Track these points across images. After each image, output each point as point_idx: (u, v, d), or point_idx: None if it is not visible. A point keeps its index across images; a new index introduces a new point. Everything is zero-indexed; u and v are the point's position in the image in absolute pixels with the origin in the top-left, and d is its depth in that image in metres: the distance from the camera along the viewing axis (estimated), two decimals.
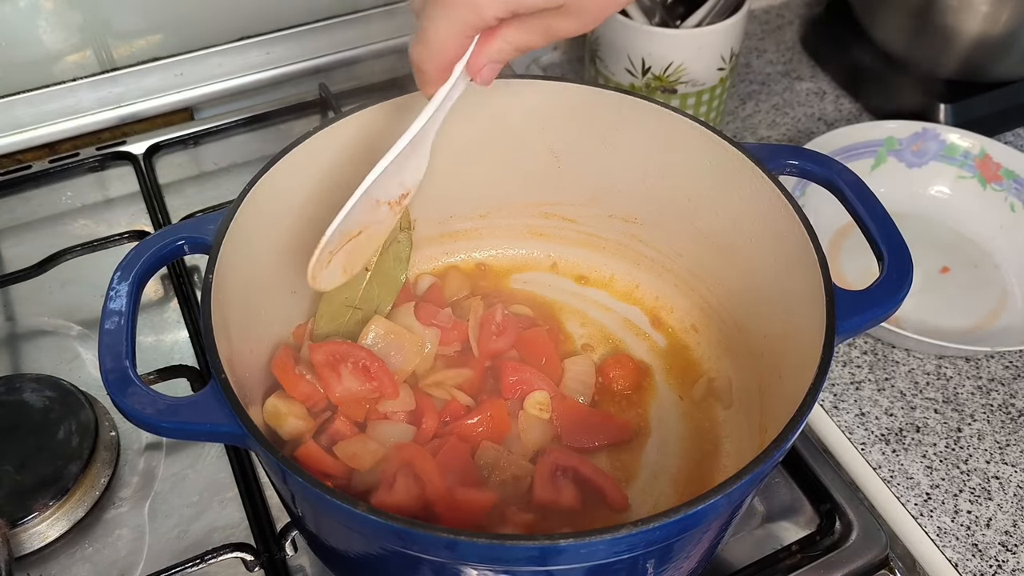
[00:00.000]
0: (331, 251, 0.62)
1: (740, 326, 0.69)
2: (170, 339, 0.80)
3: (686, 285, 0.74)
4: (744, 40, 0.97)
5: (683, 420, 0.69)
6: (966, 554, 0.68)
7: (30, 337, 0.81)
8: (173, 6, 0.96)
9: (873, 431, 0.76)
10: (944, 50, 0.95)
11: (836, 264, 0.87)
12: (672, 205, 0.70)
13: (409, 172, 0.63)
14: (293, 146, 0.63)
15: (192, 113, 1.03)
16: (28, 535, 0.66)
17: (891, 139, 0.92)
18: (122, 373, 0.52)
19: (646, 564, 0.50)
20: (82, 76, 0.96)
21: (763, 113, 1.04)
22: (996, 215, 0.90)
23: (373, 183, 0.59)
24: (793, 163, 0.64)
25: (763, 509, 0.69)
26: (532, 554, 0.44)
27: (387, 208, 0.64)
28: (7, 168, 0.95)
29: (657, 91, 0.91)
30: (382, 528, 0.45)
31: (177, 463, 0.72)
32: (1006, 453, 0.74)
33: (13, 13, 0.90)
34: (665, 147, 0.67)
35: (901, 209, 0.89)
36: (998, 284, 0.86)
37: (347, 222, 0.61)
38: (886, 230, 0.60)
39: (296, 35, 1.02)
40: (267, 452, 0.48)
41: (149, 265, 0.58)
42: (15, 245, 0.89)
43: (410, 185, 0.64)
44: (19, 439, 0.69)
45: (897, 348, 0.81)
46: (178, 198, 0.93)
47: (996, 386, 0.79)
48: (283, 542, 0.65)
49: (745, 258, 0.66)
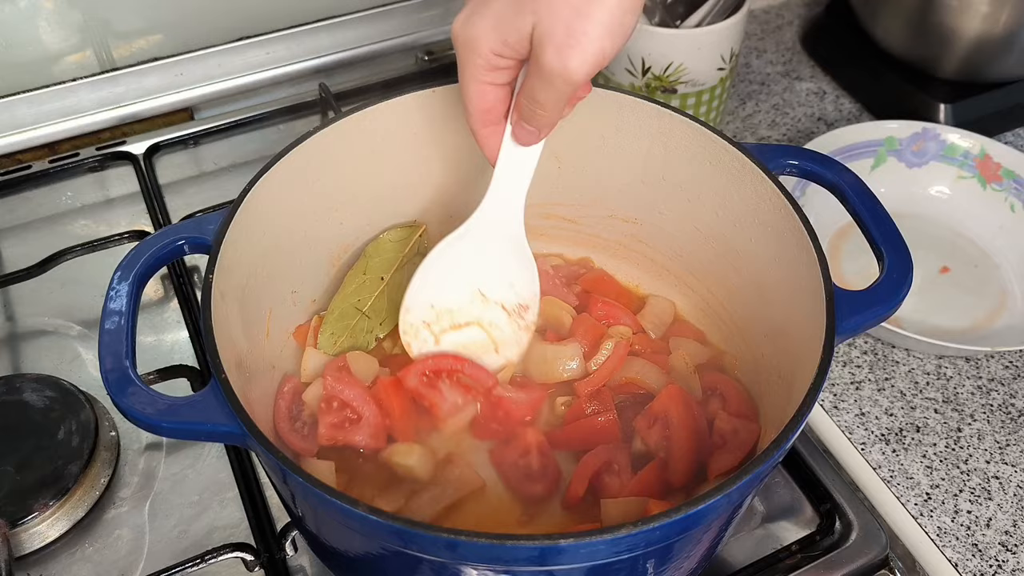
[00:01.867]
0: (425, 321, 0.65)
1: (740, 326, 0.69)
2: (170, 339, 0.80)
3: (686, 285, 0.74)
4: (744, 40, 0.97)
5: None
6: (966, 554, 0.68)
7: (30, 337, 0.81)
8: (173, 6, 0.96)
9: (873, 431, 0.76)
10: (944, 50, 0.95)
11: (836, 264, 0.87)
12: (672, 205, 0.70)
13: (516, 273, 0.65)
14: (293, 146, 0.63)
15: (192, 113, 1.03)
16: (28, 535, 0.66)
17: (891, 139, 0.92)
18: (122, 373, 0.52)
19: (646, 564, 0.50)
20: (82, 76, 0.96)
21: (763, 113, 1.04)
22: (996, 215, 0.90)
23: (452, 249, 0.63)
24: (793, 163, 0.64)
25: (763, 509, 0.69)
26: (532, 554, 0.44)
27: (503, 314, 0.66)
28: (7, 168, 0.95)
29: (657, 91, 0.91)
30: (382, 528, 0.45)
31: (177, 463, 0.72)
32: (1006, 453, 0.74)
33: (13, 13, 0.91)
34: (665, 147, 0.67)
35: (901, 209, 0.89)
36: (998, 284, 0.86)
37: (437, 293, 0.64)
38: (886, 230, 0.60)
39: (296, 35, 1.02)
40: (267, 452, 0.48)
41: (149, 265, 0.58)
42: (15, 245, 0.89)
43: (526, 296, 0.66)
44: (19, 439, 0.69)
45: (897, 348, 0.81)
46: (178, 198, 0.93)
47: (996, 386, 0.79)
48: (283, 542, 0.65)
49: (745, 258, 0.66)
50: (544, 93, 0.54)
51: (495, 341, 0.67)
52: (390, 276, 0.71)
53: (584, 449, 0.64)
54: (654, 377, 0.67)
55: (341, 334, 0.69)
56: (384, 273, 0.71)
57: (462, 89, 0.57)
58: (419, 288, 0.65)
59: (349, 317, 0.69)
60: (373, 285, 0.70)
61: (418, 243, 0.73)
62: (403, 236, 0.73)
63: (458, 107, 0.68)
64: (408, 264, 0.72)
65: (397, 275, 0.71)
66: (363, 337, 0.70)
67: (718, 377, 0.68)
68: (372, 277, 0.71)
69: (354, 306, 0.69)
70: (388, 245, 0.72)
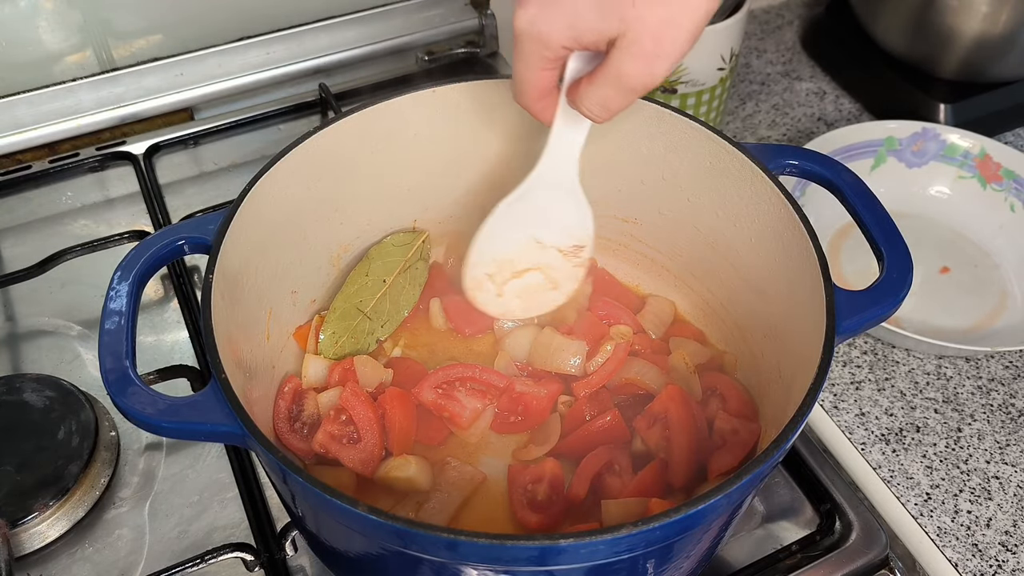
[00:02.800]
0: (488, 274, 0.67)
1: (740, 326, 0.69)
2: (170, 339, 0.80)
3: (686, 285, 0.74)
4: (744, 40, 0.97)
5: None
6: (966, 554, 0.68)
7: (30, 337, 0.81)
8: (173, 6, 0.96)
9: (873, 431, 0.76)
10: (944, 50, 0.95)
11: (836, 264, 0.87)
12: (672, 205, 0.70)
13: (573, 219, 0.66)
14: (293, 146, 0.63)
15: (192, 113, 1.03)
16: (28, 535, 0.66)
17: (891, 139, 0.92)
18: (122, 373, 0.52)
19: (646, 564, 0.50)
20: (82, 76, 0.96)
21: (763, 113, 1.04)
22: (996, 215, 0.90)
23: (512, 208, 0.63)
24: (793, 163, 0.64)
25: (763, 509, 0.69)
26: (532, 554, 0.44)
27: (559, 256, 0.67)
28: (7, 168, 0.95)
29: (657, 91, 0.91)
30: (382, 528, 0.45)
31: (177, 463, 0.72)
32: (1006, 453, 0.74)
33: (13, 13, 0.90)
34: (665, 147, 0.67)
35: (901, 209, 0.89)
36: (998, 284, 0.86)
37: (498, 247, 0.65)
38: (886, 230, 0.60)
39: (296, 35, 1.02)
40: (267, 452, 0.48)
41: (149, 265, 0.58)
42: (15, 245, 0.89)
43: (581, 237, 0.67)
44: (19, 439, 0.69)
45: (897, 348, 0.81)
46: (178, 198, 0.93)
47: (996, 386, 0.79)
48: (283, 542, 0.65)
49: (745, 258, 0.66)
50: (618, 100, 0.54)
51: (553, 281, 0.68)
52: (392, 279, 0.72)
53: (589, 451, 0.64)
54: (653, 377, 0.68)
55: (343, 334, 0.69)
56: (387, 276, 0.72)
57: (521, 75, 0.56)
58: (482, 245, 0.66)
59: (351, 317, 0.70)
60: (375, 287, 0.71)
61: (421, 248, 0.74)
62: (406, 241, 0.73)
63: (458, 107, 0.69)
64: (411, 268, 0.73)
65: (400, 278, 0.72)
66: (364, 339, 0.70)
67: (718, 377, 0.68)
68: (375, 279, 0.71)
69: (356, 307, 0.70)
70: (391, 249, 0.73)
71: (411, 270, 0.73)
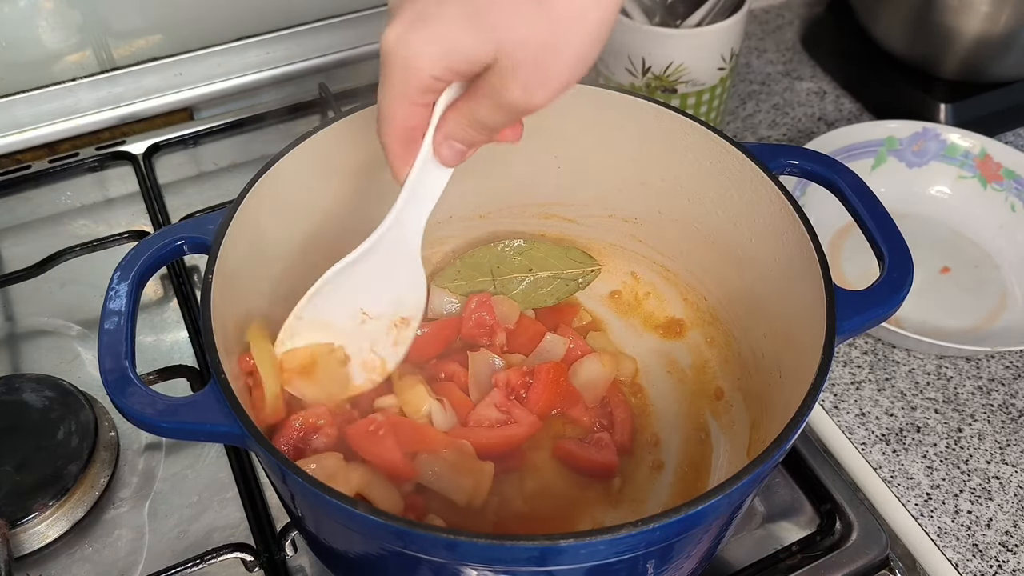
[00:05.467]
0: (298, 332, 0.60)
1: (740, 326, 0.69)
2: (170, 339, 0.80)
3: (686, 285, 0.74)
4: (744, 40, 0.97)
5: (682, 418, 0.69)
6: (966, 554, 0.68)
7: (30, 337, 0.81)
8: (173, 6, 0.96)
9: (873, 431, 0.76)
10: (944, 50, 0.95)
11: (836, 264, 0.87)
12: (672, 205, 0.70)
13: (406, 292, 0.61)
14: (293, 146, 0.63)
15: (192, 113, 1.03)
16: (28, 535, 0.66)
17: (891, 139, 0.92)
18: (122, 373, 0.52)
19: (646, 564, 0.50)
20: (81, 76, 0.96)
21: (763, 113, 1.04)
22: (996, 215, 0.90)
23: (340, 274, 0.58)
24: (793, 163, 0.64)
25: (763, 509, 0.69)
26: (532, 554, 0.44)
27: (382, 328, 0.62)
28: (7, 168, 0.95)
29: (657, 91, 0.91)
30: (382, 528, 0.45)
31: (177, 463, 0.72)
32: (1006, 453, 0.74)
33: (13, 13, 0.90)
34: (665, 147, 0.67)
35: (901, 209, 0.89)
36: (998, 284, 0.86)
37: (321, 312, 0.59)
38: (886, 230, 0.60)
39: (296, 35, 1.02)
40: (267, 452, 0.48)
41: (149, 265, 0.58)
42: (15, 245, 0.89)
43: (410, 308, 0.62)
44: (19, 439, 0.69)
45: (897, 348, 0.81)
46: (178, 198, 0.93)
47: (996, 386, 0.79)
48: (283, 542, 0.65)
49: (745, 258, 0.66)
50: (495, 119, 0.49)
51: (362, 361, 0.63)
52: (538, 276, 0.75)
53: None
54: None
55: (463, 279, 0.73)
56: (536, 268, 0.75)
57: (386, 107, 0.50)
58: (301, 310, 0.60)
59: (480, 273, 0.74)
60: (522, 268, 0.74)
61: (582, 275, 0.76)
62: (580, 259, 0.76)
63: None
64: (558, 281, 0.75)
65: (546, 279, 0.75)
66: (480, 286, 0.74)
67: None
68: (524, 262, 0.74)
69: (491, 268, 0.73)
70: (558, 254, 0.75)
71: (558, 282, 0.74)
